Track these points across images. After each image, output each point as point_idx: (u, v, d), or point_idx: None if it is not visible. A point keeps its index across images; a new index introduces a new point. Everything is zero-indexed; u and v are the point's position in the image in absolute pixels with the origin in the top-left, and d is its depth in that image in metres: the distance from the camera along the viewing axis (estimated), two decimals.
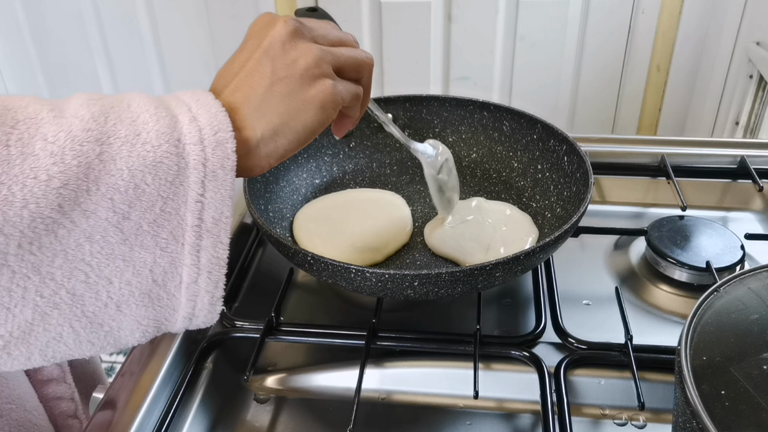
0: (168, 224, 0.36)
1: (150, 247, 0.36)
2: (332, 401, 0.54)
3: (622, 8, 1.64)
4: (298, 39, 0.42)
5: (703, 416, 0.34)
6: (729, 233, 0.66)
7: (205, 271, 0.38)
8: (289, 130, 0.41)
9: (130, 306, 0.37)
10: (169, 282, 0.38)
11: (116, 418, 0.48)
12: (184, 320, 0.40)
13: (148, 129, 0.36)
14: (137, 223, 0.35)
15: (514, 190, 0.72)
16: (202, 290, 0.39)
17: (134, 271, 0.36)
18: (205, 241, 0.38)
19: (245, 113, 0.40)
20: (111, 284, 0.36)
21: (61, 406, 0.58)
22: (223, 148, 0.37)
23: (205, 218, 0.38)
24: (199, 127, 0.37)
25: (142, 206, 0.35)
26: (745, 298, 0.42)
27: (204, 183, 0.37)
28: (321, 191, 0.73)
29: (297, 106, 0.41)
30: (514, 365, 0.55)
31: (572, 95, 1.78)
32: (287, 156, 0.42)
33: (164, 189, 0.36)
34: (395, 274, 0.50)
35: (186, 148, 0.36)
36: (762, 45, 1.34)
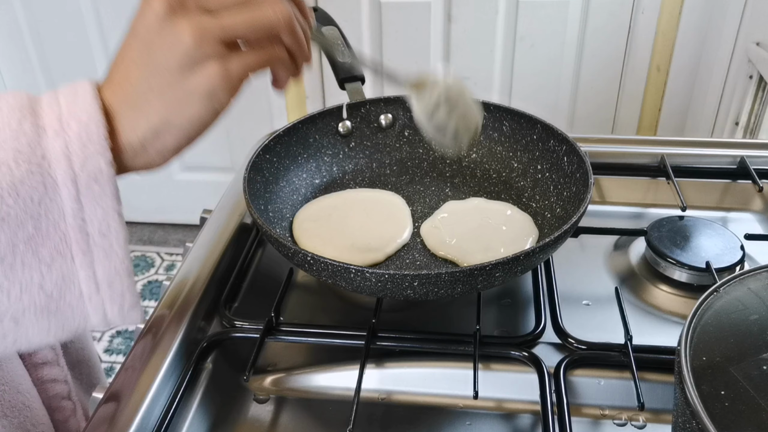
0: (48, 241, 0.35)
1: (33, 264, 0.35)
2: (332, 401, 0.54)
3: (622, 8, 1.64)
4: (175, 16, 0.36)
5: (703, 416, 0.34)
6: (729, 233, 0.66)
7: (105, 283, 0.37)
8: (173, 128, 0.37)
9: (29, 318, 0.36)
10: (67, 294, 0.36)
11: (116, 418, 0.48)
12: (101, 324, 0.38)
13: (5, 148, 0.34)
14: (9, 243, 0.34)
15: (514, 190, 0.72)
16: (107, 301, 0.37)
17: (22, 288, 0.35)
18: (97, 255, 0.36)
19: (123, 114, 0.37)
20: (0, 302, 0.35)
21: (55, 389, 0.58)
22: (94, 162, 0.35)
23: (90, 232, 0.36)
24: (65, 141, 0.35)
25: (9, 227, 0.34)
26: (745, 299, 0.42)
27: (79, 198, 0.35)
28: (321, 191, 0.73)
29: (178, 100, 0.37)
30: (514, 365, 0.55)
31: (572, 95, 1.78)
32: (183, 149, 0.39)
33: (32, 209, 0.34)
34: (395, 274, 0.50)
35: (51, 166, 0.34)
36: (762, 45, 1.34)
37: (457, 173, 0.76)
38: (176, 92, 0.37)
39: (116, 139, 0.36)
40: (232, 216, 0.71)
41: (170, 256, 2.08)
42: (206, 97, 0.37)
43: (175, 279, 0.62)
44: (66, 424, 0.59)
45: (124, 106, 0.37)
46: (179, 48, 0.36)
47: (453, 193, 0.73)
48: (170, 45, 0.36)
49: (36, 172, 0.34)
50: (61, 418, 0.59)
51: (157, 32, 0.36)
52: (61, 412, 0.59)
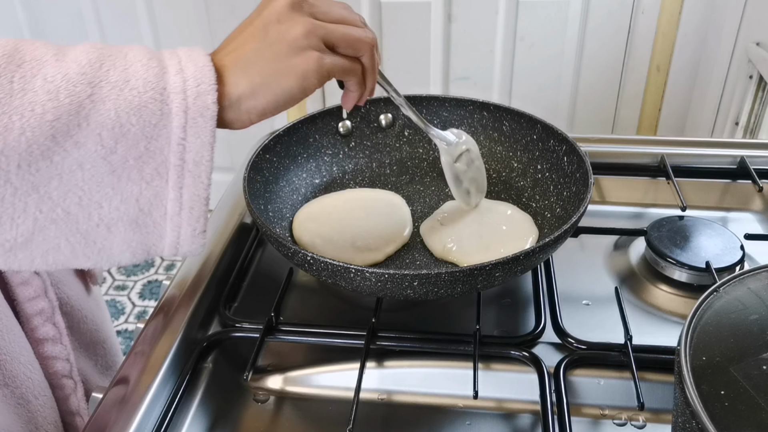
0: (152, 161, 0.41)
1: (136, 179, 0.41)
2: (332, 401, 0.54)
3: (622, 8, 1.64)
4: (294, 12, 0.45)
5: (703, 416, 0.34)
6: (729, 233, 0.66)
7: (187, 207, 0.43)
8: (269, 91, 0.44)
9: (119, 229, 0.42)
10: (155, 212, 0.42)
11: (116, 418, 0.48)
12: (171, 247, 0.44)
13: (137, 77, 0.40)
14: (123, 157, 0.40)
15: (514, 190, 0.72)
16: (185, 223, 0.43)
17: (122, 199, 0.41)
18: (187, 180, 0.42)
19: (231, 71, 0.44)
20: (101, 208, 0.41)
21: (56, 366, 0.59)
22: (204, 99, 0.41)
23: (187, 159, 0.42)
24: (184, 77, 0.41)
25: (127, 143, 0.40)
26: (745, 299, 0.42)
27: (185, 128, 0.41)
28: (321, 191, 0.73)
29: (279, 71, 0.44)
30: (514, 365, 0.55)
31: (572, 95, 1.78)
32: (267, 115, 0.46)
33: (148, 130, 0.40)
34: (395, 274, 0.50)
35: (170, 96, 0.41)
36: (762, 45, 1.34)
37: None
38: (279, 65, 0.44)
39: (221, 88, 0.43)
40: (232, 216, 0.71)
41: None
42: (301, 75, 0.45)
43: (175, 279, 0.62)
44: (66, 401, 0.60)
45: (234, 66, 0.44)
46: (292, 34, 0.45)
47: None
48: (285, 29, 0.45)
49: (158, 99, 0.40)
50: (62, 395, 0.60)
51: (277, 18, 0.45)
52: (61, 389, 0.60)
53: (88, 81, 0.39)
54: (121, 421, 0.48)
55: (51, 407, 0.58)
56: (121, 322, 1.83)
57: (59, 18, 1.84)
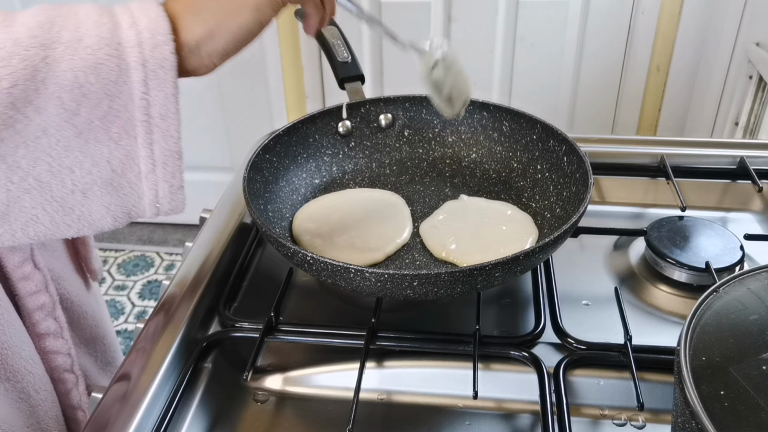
0: (118, 120, 0.41)
1: (104, 140, 0.41)
2: (332, 401, 0.54)
3: (622, 9, 1.64)
4: None
5: (703, 416, 0.34)
6: (728, 234, 0.66)
7: (161, 163, 0.42)
8: (226, 31, 0.44)
9: (95, 192, 0.42)
10: (128, 172, 0.42)
11: (115, 418, 0.48)
12: (151, 207, 0.44)
13: (90, 34, 0.40)
14: (88, 118, 0.40)
15: (513, 190, 0.72)
16: (161, 179, 0.43)
17: (93, 162, 0.41)
18: (156, 135, 0.42)
19: (184, 17, 0.43)
20: (73, 173, 0.41)
21: (57, 360, 0.59)
22: (161, 50, 0.41)
23: (153, 114, 0.41)
24: (137, 30, 0.41)
25: (89, 103, 0.39)
26: (745, 299, 0.42)
27: (146, 82, 0.41)
28: (320, 191, 0.73)
29: (232, 8, 0.44)
30: (514, 365, 0.55)
31: (572, 95, 1.77)
32: (229, 55, 0.45)
33: (108, 88, 0.40)
34: (395, 274, 0.50)
35: (126, 51, 0.40)
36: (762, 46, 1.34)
37: (457, 173, 0.76)
38: (232, 2, 0.44)
39: (176, 38, 0.42)
40: (231, 216, 0.71)
41: (170, 256, 2.08)
42: (255, 8, 0.44)
43: (175, 279, 0.62)
44: (68, 395, 0.61)
45: (186, 12, 0.43)
46: None
47: (453, 193, 0.73)
48: None
49: (114, 55, 0.40)
50: (63, 389, 0.60)
51: None
52: (63, 383, 0.60)
53: (39, 43, 0.38)
54: (121, 420, 0.48)
55: (52, 401, 0.58)
56: (121, 322, 1.83)
57: None
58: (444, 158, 0.77)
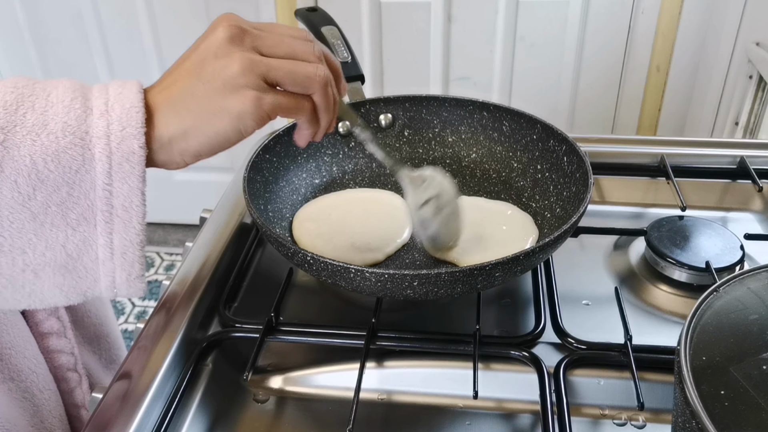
0: (77, 207, 0.40)
1: (61, 225, 0.40)
2: (332, 401, 0.54)
3: (622, 9, 1.64)
4: (233, 45, 0.42)
5: (703, 416, 0.34)
6: (728, 233, 0.66)
7: (119, 252, 0.41)
8: (200, 133, 0.42)
9: (47, 273, 0.41)
10: (85, 257, 0.41)
11: (116, 418, 0.48)
12: (108, 290, 0.43)
13: (56, 120, 0.39)
14: (44, 203, 0.39)
15: (513, 190, 0.72)
16: (118, 268, 0.42)
17: (47, 245, 0.40)
18: (117, 225, 0.41)
19: (162, 112, 0.42)
20: (25, 254, 0.40)
21: (61, 359, 0.59)
22: (129, 144, 0.40)
23: (115, 204, 0.40)
24: (108, 121, 0.40)
25: (46, 189, 0.38)
26: (745, 299, 0.42)
27: (110, 174, 0.40)
28: (321, 191, 0.73)
29: (212, 112, 0.42)
30: (514, 365, 0.55)
31: (572, 95, 1.78)
32: (203, 157, 0.44)
33: (69, 176, 0.39)
34: (395, 274, 0.50)
35: (92, 141, 0.39)
36: (762, 45, 1.34)
37: (457, 173, 0.76)
38: (213, 105, 0.42)
39: (150, 130, 0.41)
40: (232, 216, 0.71)
41: (170, 256, 2.08)
42: (236, 116, 0.42)
43: (175, 279, 0.62)
44: (71, 394, 0.61)
45: (165, 105, 0.42)
46: (227, 71, 0.42)
47: None
48: (221, 66, 0.42)
49: (78, 144, 0.39)
50: (67, 388, 0.60)
51: (213, 53, 0.42)
52: (66, 382, 0.60)
53: (0, 126, 0.38)
54: (122, 420, 0.48)
55: (56, 401, 0.58)
56: (121, 323, 1.83)
57: (59, 18, 1.84)
58: (444, 158, 0.77)
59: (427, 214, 0.60)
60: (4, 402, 0.53)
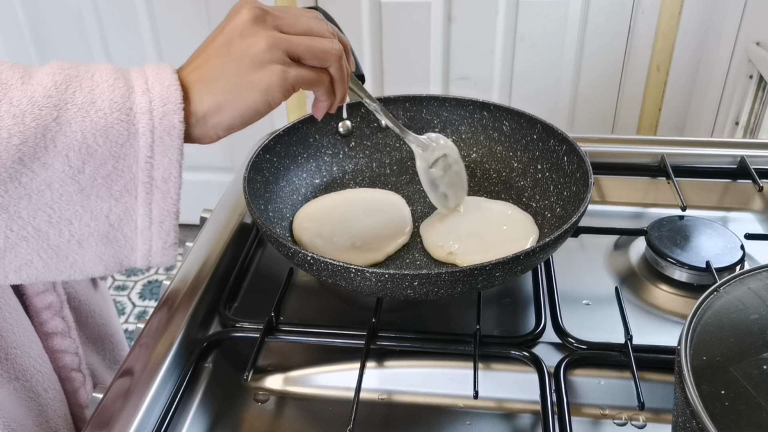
0: (121, 179, 0.42)
1: (105, 197, 0.42)
2: (332, 401, 0.54)
3: (622, 8, 1.64)
4: (257, 25, 0.45)
5: (703, 416, 0.34)
6: (729, 233, 0.66)
7: (157, 221, 0.44)
8: (233, 107, 0.45)
9: (90, 243, 0.43)
10: (125, 227, 0.43)
11: (116, 418, 0.48)
12: (143, 259, 0.45)
13: (103, 98, 0.41)
14: (92, 176, 0.41)
15: (514, 190, 0.72)
16: (155, 236, 0.44)
17: (92, 216, 0.42)
18: (156, 196, 0.43)
19: (196, 88, 0.44)
20: (72, 224, 0.42)
21: (65, 359, 0.60)
22: (170, 119, 0.42)
23: (155, 177, 0.43)
24: (150, 98, 0.42)
25: (95, 163, 0.41)
26: (745, 298, 0.42)
27: (152, 147, 0.42)
28: (321, 191, 0.73)
29: (242, 86, 0.45)
30: (514, 365, 0.55)
31: (572, 95, 1.78)
32: (234, 129, 0.46)
33: (115, 150, 0.41)
34: (395, 274, 0.50)
35: (136, 116, 0.42)
36: (762, 45, 1.34)
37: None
38: (242, 80, 0.45)
39: (186, 106, 0.44)
40: (232, 216, 0.71)
41: None
42: (264, 90, 0.45)
43: (175, 279, 0.62)
44: (76, 394, 0.61)
45: (198, 83, 0.45)
46: (254, 48, 0.45)
47: None
48: (248, 44, 0.45)
49: (124, 120, 0.41)
50: (71, 388, 0.61)
51: (239, 33, 0.45)
52: (70, 382, 0.61)
53: (53, 104, 0.40)
54: (122, 420, 0.48)
55: (60, 400, 0.59)
56: (122, 322, 1.83)
57: (59, 18, 1.84)
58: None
59: (437, 174, 0.65)
60: (10, 401, 0.53)
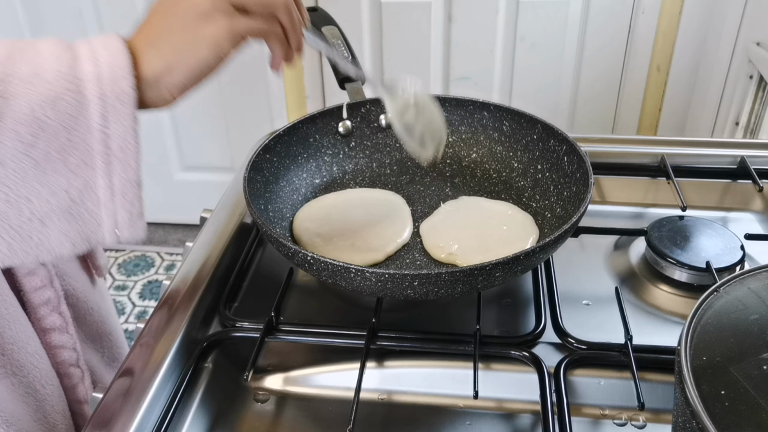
0: (76, 151, 0.41)
1: (62, 171, 0.41)
2: (332, 401, 0.54)
3: (623, 8, 1.64)
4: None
5: (703, 416, 0.34)
6: (729, 233, 0.66)
7: (119, 192, 0.43)
8: (184, 65, 0.44)
9: (53, 221, 0.42)
10: (87, 200, 0.42)
11: (116, 418, 0.48)
12: (110, 233, 0.44)
13: (48, 68, 0.40)
14: (45, 150, 0.40)
15: (514, 190, 0.72)
16: (120, 208, 0.43)
17: (50, 192, 0.41)
18: (115, 166, 0.42)
19: (145, 51, 0.44)
20: (31, 202, 0.41)
21: (63, 355, 0.60)
22: (120, 84, 0.41)
23: (112, 146, 0.42)
24: (97, 64, 0.41)
25: (46, 136, 0.40)
26: (745, 299, 0.42)
27: (105, 116, 0.41)
28: (321, 191, 0.73)
29: (190, 42, 0.44)
30: (514, 365, 0.55)
31: (572, 96, 1.77)
32: (188, 88, 0.45)
33: (66, 121, 0.40)
34: (395, 274, 0.50)
35: (85, 85, 0.40)
36: (762, 45, 1.34)
37: (457, 173, 0.76)
38: (190, 36, 0.44)
39: (137, 72, 0.43)
40: (232, 216, 0.71)
41: (170, 256, 2.08)
42: (213, 44, 0.44)
43: (175, 279, 0.62)
44: (74, 390, 0.61)
45: (145, 45, 0.44)
46: (198, 2, 0.44)
47: (453, 193, 0.73)
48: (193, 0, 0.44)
49: (72, 89, 0.40)
50: (69, 384, 0.61)
51: None
52: (69, 378, 0.61)
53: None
54: (122, 420, 0.48)
55: (59, 396, 0.59)
56: (122, 322, 1.83)
57: (59, 18, 1.84)
58: (444, 158, 0.77)
59: (410, 119, 0.63)
60: (8, 397, 0.53)
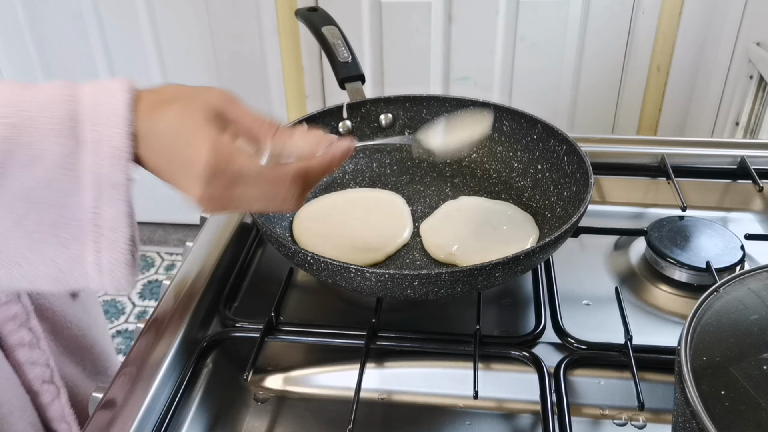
0: (67, 227, 0.42)
1: (52, 243, 0.42)
2: (332, 401, 0.54)
3: (623, 9, 1.64)
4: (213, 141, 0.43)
5: (703, 416, 0.34)
6: (729, 233, 0.66)
7: (107, 270, 0.43)
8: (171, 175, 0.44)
9: (41, 283, 0.43)
10: (75, 272, 0.43)
11: (116, 418, 0.48)
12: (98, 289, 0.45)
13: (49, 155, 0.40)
14: (36, 222, 0.41)
15: (514, 190, 0.72)
16: (107, 283, 0.44)
17: (40, 260, 0.42)
18: (105, 245, 0.42)
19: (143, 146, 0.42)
20: (20, 266, 0.42)
21: (35, 371, 0.58)
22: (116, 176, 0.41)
23: (103, 226, 0.42)
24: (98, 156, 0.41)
25: (39, 212, 0.41)
26: (745, 299, 0.42)
27: (99, 199, 0.41)
28: (321, 191, 0.73)
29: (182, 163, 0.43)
30: (514, 365, 0.55)
31: (572, 96, 1.78)
32: None
33: (59, 200, 0.41)
34: (395, 274, 0.50)
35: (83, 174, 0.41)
36: (762, 45, 1.34)
37: (457, 173, 0.76)
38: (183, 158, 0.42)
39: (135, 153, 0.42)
40: (232, 216, 0.71)
41: (170, 256, 2.08)
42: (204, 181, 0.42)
43: (175, 279, 0.62)
44: (48, 408, 0.59)
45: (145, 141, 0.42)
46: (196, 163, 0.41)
47: (453, 193, 0.73)
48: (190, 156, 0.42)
49: (70, 176, 0.40)
50: (43, 401, 0.59)
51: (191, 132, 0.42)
52: (41, 395, 0.58)
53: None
54: (121, 420, 0.48)
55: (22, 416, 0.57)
56: (121, 322, 1.83)
57: (59, 18, 1.84)
58: (444, 158, 0.77)
59: None
60: None
